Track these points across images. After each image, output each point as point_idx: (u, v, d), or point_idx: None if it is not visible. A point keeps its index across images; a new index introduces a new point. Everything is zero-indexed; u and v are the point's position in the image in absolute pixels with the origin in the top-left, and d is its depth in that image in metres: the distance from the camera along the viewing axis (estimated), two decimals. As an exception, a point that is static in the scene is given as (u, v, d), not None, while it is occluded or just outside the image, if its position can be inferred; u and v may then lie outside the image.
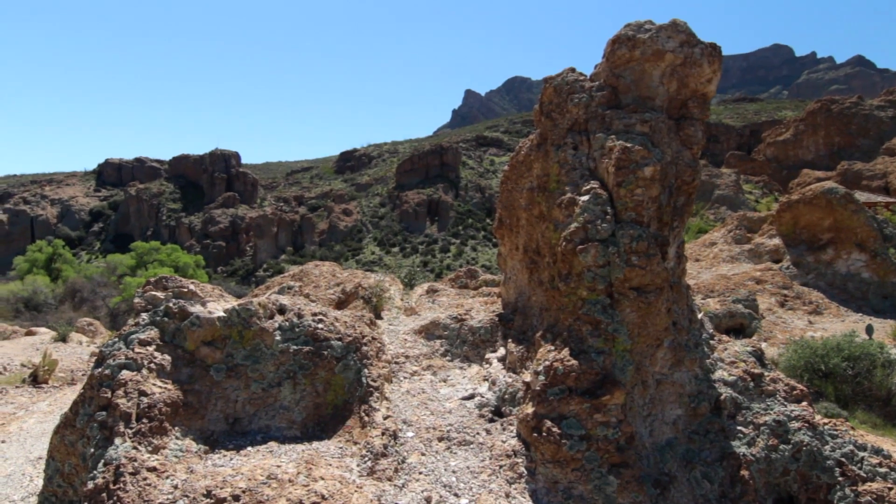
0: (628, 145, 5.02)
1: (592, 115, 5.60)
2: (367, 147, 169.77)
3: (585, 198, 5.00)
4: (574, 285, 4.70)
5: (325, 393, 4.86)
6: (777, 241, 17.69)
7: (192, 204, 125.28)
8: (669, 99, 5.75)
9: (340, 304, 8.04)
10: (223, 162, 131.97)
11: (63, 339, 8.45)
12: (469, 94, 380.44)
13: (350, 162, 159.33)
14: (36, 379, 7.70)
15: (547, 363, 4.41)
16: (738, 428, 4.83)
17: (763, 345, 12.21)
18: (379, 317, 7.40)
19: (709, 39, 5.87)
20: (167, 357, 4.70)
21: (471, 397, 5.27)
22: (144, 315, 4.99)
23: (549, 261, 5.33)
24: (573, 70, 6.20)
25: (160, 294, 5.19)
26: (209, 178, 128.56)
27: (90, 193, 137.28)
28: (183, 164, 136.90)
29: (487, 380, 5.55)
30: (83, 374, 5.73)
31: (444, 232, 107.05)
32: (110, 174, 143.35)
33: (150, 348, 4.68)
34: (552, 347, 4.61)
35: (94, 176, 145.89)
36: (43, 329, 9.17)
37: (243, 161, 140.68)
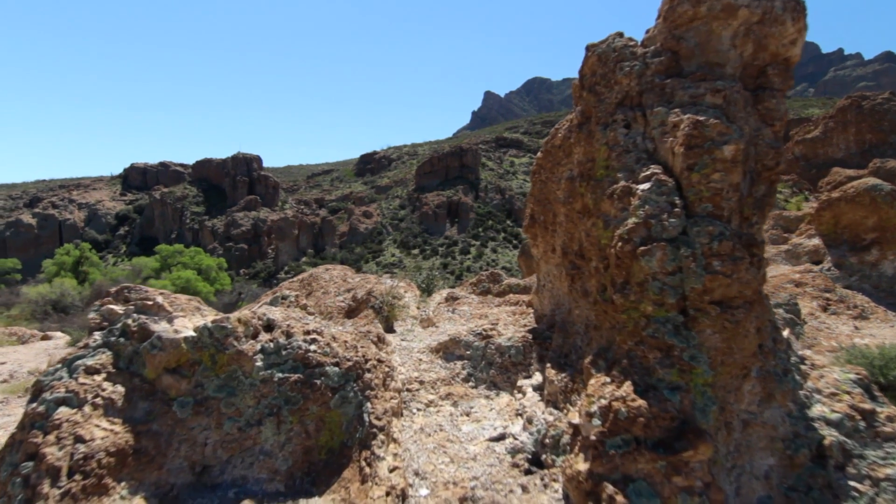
0: (701, 118, 3.93)
1: (648, 86, 4.53)
2: (386, 149, 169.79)
3: (645, 186, 3.93)
4: (635, 298, 3.61)
5: (316, 434, 3.84)
6: (816, 241, 16.45)
7: (214, 207, 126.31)
8: (744, 65, 4.65)
9: (350, 313, 7.09)
10: (245, 165, 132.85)
11: (76, 343, 7.75)
12: (488, 96, 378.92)
13: (370, 164, 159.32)
14: (39, 389, 7.08)
15: (603, 402, 3.34)
16: (851, 483, 3.71)
17: (808, 352, 10.98)
18: (391, 329, 6.40)
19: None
20: (119, 389, 3.74)
21: (501, 438, 4.20)
22: (97, 335, 4.04)
23: (598, 266, 4.25)
24: (621, 35, 5.13)
25: (119, 308, 4.23)
26: (231, 181, 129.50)
27: (116, 197, 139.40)
28: (206, 168, 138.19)
29: (521, 415, 4.46)
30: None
31: (464, 234, 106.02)
32: (135, 178, 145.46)
33: (99, 377, 3.73)
34: (608, 379, 3.53)
35: (120, 180, 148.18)
36: (59, 333, 8.57)
37: (265, 164, 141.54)
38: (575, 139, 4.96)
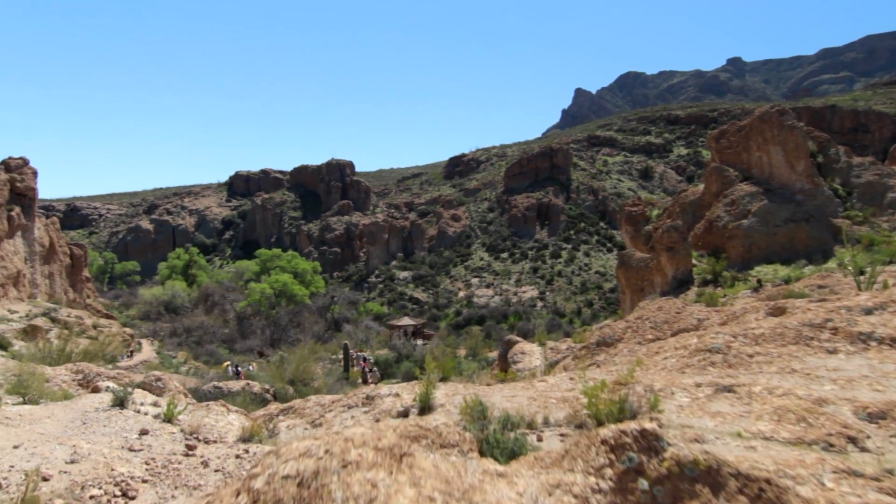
0: None
1: None
2: (474, 151, 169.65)
3: None
4: None
5: None
6: None
7: (311, 212, 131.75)
8: None
9: None
10: (338, 171, 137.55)
11: (121, 403, 7.07)
12: (579, 93, 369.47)
13: (458, 167, 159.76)
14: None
15: None
16: None
17: None
18: None
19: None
20: None
21: None
22: None
23: None
24: None
25: None
26: (326, 186, 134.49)
27: (222, 203, 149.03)
28: (302, 175, 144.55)
29: None
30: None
31: (554, 237, 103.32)
32: (239, 185, 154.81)
33: None
34: None
35: (226, 187, 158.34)
36: (111, 383, 7.99)
37: (357, 169, 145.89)
38: None
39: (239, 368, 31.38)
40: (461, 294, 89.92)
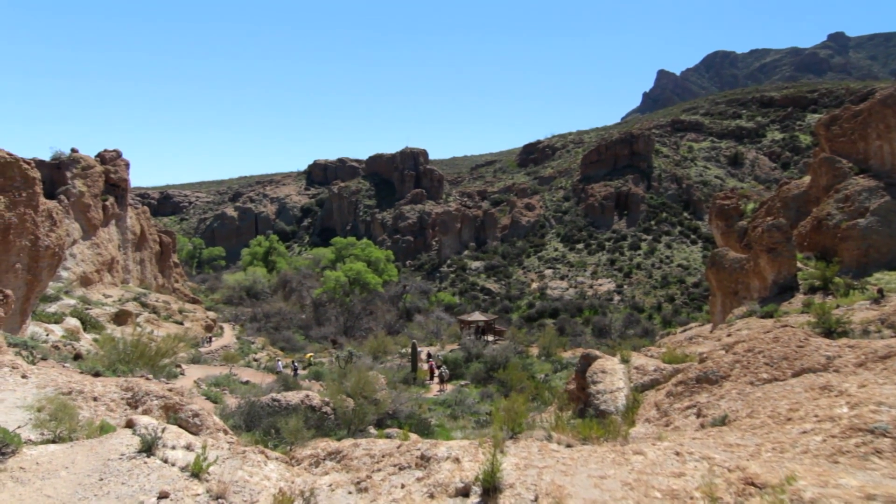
0: None
1: None
2: (550, 138, 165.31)
3: None
4: None
5: None
6: None
7: (385, 200, 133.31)
8: None
9: None
10: (412, 160, 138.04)
11: (149, 449, 6.06)
12: (662, 75, 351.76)
13: (533, 154, 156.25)
14: None
15: None
16: None
17: None
18: None
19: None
20: None
21: None
22: None
23: None
24: None
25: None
26: (399, 175, 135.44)
27: (301, 192, 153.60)
28: (377, 163, 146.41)
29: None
30: None
31: (633, 227, 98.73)
32: (318, 174, 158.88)
33: None
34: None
35: (305, 176, 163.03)
36: (146, 419, 7.26)
37: (431, 156, 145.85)
38: None
39: (296, 364, 31.63)
40: (534, 285, 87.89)
